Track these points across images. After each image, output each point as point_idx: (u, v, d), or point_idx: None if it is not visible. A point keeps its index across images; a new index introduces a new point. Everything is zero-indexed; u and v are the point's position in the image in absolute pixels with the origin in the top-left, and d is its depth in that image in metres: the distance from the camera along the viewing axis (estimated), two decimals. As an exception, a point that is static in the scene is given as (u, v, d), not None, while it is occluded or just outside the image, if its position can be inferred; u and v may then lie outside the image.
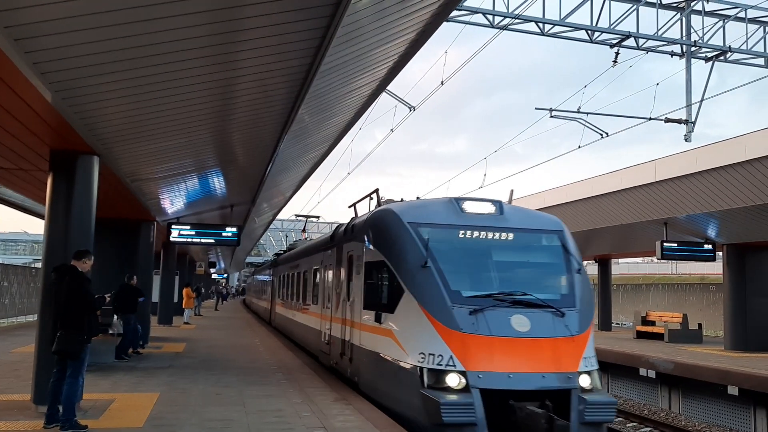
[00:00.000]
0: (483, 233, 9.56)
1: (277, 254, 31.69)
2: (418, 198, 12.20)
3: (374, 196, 12.56)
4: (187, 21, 6.28)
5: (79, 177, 9.51)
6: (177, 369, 13.35)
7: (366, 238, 10.44)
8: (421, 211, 9.95)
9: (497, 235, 9.64)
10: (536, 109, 18.20)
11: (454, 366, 8.05)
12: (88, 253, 8.29)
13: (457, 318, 8.33)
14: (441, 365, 8.13)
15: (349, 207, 14.02)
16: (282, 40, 7.38)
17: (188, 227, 18.57)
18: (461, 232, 9.49)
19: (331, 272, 13.41)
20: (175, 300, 28.27)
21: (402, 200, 12.28)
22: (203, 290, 40.45)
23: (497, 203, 10.08)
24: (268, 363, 14.75)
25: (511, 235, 9.67)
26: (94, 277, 8.92)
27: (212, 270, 59.20)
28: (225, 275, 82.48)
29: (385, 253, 9.58)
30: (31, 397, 9.18)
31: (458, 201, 9.96)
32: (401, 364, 8.76)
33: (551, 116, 18.24)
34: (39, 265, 16.47)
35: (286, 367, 14.18)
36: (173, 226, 18.16)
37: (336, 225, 14.44)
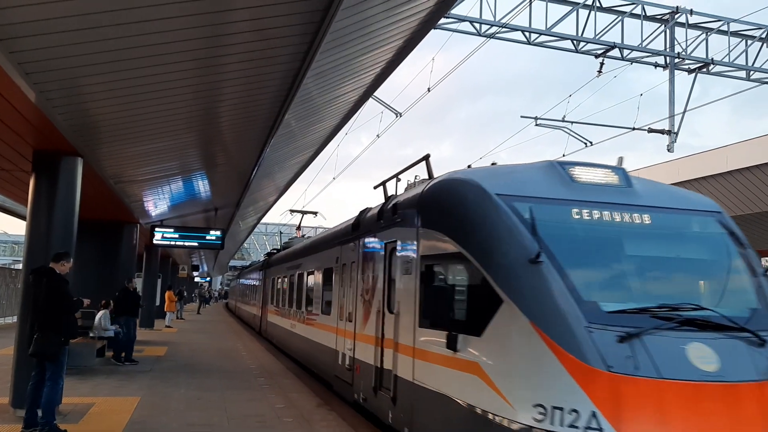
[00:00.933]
0: (609, 213, 6.39)
1: (269, 254, 27.11)
2: (493, 164, 8.45)
3: (407, 177, 9.69)
4: (174, 24, 6.27)
5: (62, 178, 9.43)
6: (158, 373, 13.24)
7: (422, 221, 7.27)
8: (513, 179, 6.76)
9: (629, 216, 6.46)
10: (521, 117, 18.32)
11: (600, 430, 4.92)
12: (67, 255, 8.21)
13: (600, 348, 5.15)
14: (577, 427, 4.97)
15: (377, 187, 10.67)
16: (269, 45, 7.39)
17: (172, 230, 18.49)
18: (577, 210, 6.31)
19: (354, 272, 10.06)
20: (157, 303, 28.06)
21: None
22: (185, 293, 40.17)
23: (620, 171, 6.94)
24: (251, 367, 14.68)
25: (647, 217, 6.51)
26: (75, 278, 8.85)
27: (195, 273, 58.85)
28: (208, 278, 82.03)
29: (463, 240, 6.33)
30: (9, 401, 9.06)
31: (564, 166, 6.84)
32: (500, 420, 5.48)
33: (536, 124, 18.38)
34: (19, 266, 16.28)
35: (269, 371, 14.12)
36: (156, 229, 18.07)
37: (362, 210, 10.56)
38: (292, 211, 30.18)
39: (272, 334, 21.24)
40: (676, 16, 17.58)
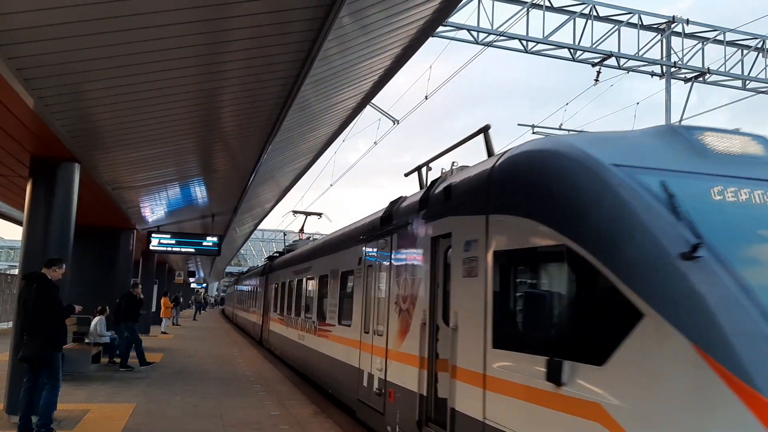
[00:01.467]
0: (762, 192, 4.76)
1: (271, 257, 25.38)
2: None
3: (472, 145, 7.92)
4: (173, 31, 6.29)
5: (59, 184, 9.42)
6: (154, 379, 13.19)
7: (495, 205, 5.54)
8: (628, 147, 5.11)
9: None
10: (519, 125, 18.40)
11: None
12: (60, 261, 8.18)
13: None
14: None
15: (408, 174, 9.35)
16: (268, 52, 7.41)
17: (168, 236, 18.46)
18: (723, 188, 4.70)
19: (384, 274, 8.56)
20: (153, 309, 27.99)
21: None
22: (181, 299, 40.05)
23: (763, 140, 5.41)
24: (247, 374, 14.63)
25: None
26: (72, 284, 8.83)
27: (191, 279, 58.73)
28: (204, 284, 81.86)
29: (570, 228, 4.59)
30: (3, 407, 9.02)
31: (691, 131, 5.27)
32: None
33: (533, 132, 18.45)
34: (15, 271, 16.22)
35: (265, 378, 14.08)
36: (153, 235, 18.04)
37: (394, 200, 8.91)
38: (295, 212, 27.61)
39: (275, 344, 19.92)
40: (673, 26, 17.67)
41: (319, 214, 24.68)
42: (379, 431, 8.25)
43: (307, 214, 25.56)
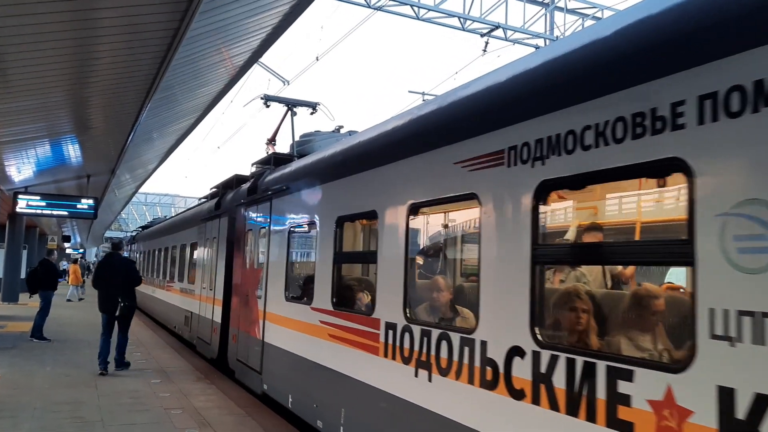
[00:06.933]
0: None
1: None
2: None
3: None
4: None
5: None
6: (22, 350, 12.36)
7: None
8: None
9: None
10: (409, 92, 18.53)
11: None
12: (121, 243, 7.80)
13: None
14: None
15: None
16: (146, 0, 6.93)
17: (38, 197, 17.24)
18: None
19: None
20: (22, 276, 26.14)
21: None
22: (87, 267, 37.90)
23: None
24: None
25: None
26: None
27: (67, 244, 55.33)
28: (82, 250, 77.46)
29: None
30: None
31: None
32: None
33: (423, 100, 18.65)
34: None
35: (145, 345, 13.59)
36: (20, 196, 16.76)
37: None
38: (267, 99, 12.61)
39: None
40: (556, 1, 18.33)
41: (314, 106, 12.60)
42: None
43: (290, 104, 12.58)
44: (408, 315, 5.07)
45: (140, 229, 31.27)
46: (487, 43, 17.75)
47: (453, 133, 4.71)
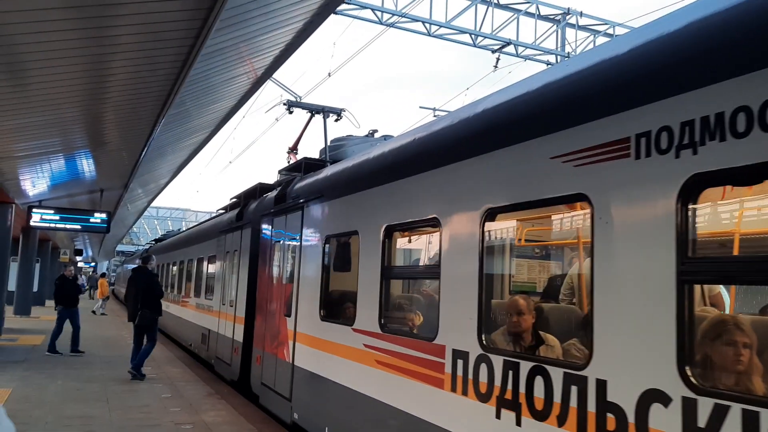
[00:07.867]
0: None
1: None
2: None
3: None
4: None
5: None
6: (33, 363, 12.41)
7: None
8: None
9: None
10: (420, 107, 18.60)
11: None
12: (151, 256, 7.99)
13: None
14: None
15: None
16: (161, 18, 7.01)
17: (52, 211, 17.38)
18: None
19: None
20: (35, 289, 26.33)
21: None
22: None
23: None
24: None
25: None
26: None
27: (79, 258, 55.70)
28: (93, 264, 77.88)
29: None
30: None
31: None
32: None
33: (434, 116, 18.70)
34: None
35: (156, 360, 13.60)
36: (34, 210, 16.91)
37: None
38: (290, 105, 12.81)
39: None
40: (568, 17, 18.38)
41: (339, 112, 12.28)
42: None
43: (314, 110, 12.57)
44: (484, 342, 4.29)
45: (153, 243, 31.33)
46: (498, 59, 17.82)
47: (552, 120, 3.83)
